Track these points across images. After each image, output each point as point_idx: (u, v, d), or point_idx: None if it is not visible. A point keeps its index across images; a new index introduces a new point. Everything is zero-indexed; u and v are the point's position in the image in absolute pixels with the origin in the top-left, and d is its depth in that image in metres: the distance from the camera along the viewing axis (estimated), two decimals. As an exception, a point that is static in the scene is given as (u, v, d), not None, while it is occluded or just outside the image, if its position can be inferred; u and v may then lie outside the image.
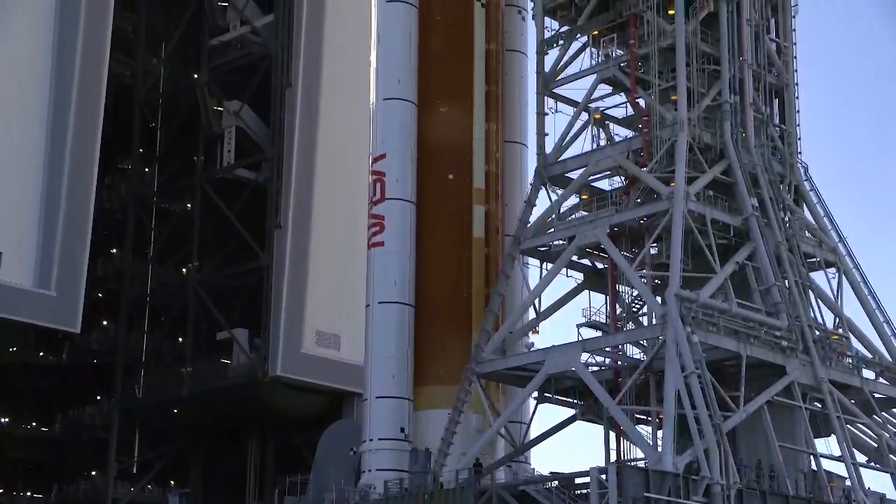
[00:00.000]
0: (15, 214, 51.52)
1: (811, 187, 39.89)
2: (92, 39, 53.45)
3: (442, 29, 40.69)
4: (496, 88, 41.29)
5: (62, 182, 52.21)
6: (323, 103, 55.16)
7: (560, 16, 40.16)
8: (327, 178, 54.91)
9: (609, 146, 38.74)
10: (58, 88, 52.91)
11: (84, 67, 53.17)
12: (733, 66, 38.57)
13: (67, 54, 52.91)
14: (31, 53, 52.73)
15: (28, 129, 52.35)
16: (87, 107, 53.26)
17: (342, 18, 54.99)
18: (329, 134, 55.04)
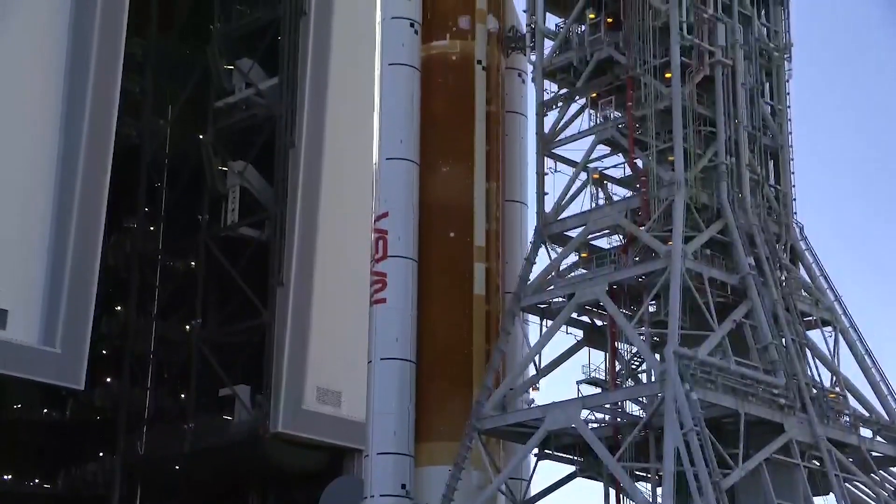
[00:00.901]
0: (22, 273, 51.41)
1: (807, 247, 39.83)
2: (100, 101, 53.64)
3: (443, 91, 40.87)
4: (496, 149, 41.36)
5: (69, 241, 52.14)
6: (325, 163, 55.34)
7: (559, 78, 40.36)
8: (329, 236, 54.92)
9: (608, 205, 38.75)
10: (66, 148, 53.04)
11: (92, 128, 53.33)
12: (729, 128, 38.69)
13: (76, 116, 53.07)
14: (41, 113, 52.91)
15: (36, 187, 52.38)
16: (94, 167, 53.33)
17: (345, 81, 55.29)
18: (331, 193, 55.15)
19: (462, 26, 41.41)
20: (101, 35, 53.37)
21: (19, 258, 51.47)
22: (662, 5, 38.47)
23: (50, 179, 52.65)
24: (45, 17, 52.62)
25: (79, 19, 53.06)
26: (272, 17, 57.59)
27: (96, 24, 53.25)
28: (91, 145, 53.32)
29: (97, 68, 53.57)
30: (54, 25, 52.84)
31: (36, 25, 52.52)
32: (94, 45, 53.28)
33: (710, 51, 38.67)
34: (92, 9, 53.16)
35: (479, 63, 41.29)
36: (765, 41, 40.77)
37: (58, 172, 52.85)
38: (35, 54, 52.64)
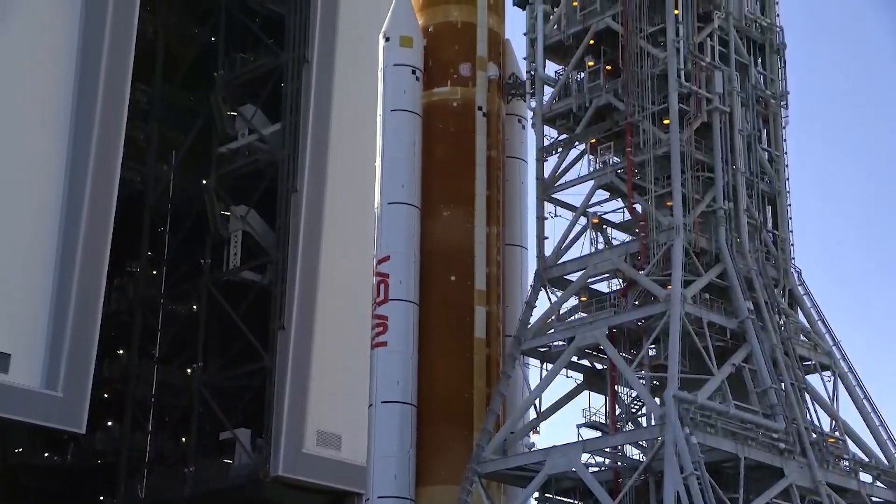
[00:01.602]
0: (25, 316, 51.14)
1: (805, 292, 39.66)
2: (105, 148, 53.64)
3: (445, 136, 40.89)
4: (497, 193, 41.26)
5: (72, 285, 51.91)
6: (327, 207, 55.29)
7: (559, 124, 40.37)
8: (331, 280, 54.77)
9: (607, 249, 38.61)
10: (70, 193, 52.95)
11: (96, 174, 53.28)
12: (727, 174, 38.64)
13: (81, 161, 53.05)
14: (47, 158, 52.88)
15: (40, 231, 52.24)
16: (98, 212, 53.23)
17: (346, 127, 55.40)
18: (333, 237, 55.06)
19: (463, 73, 41.50)
20: (106, 82, 53.46)
21: (22, 301, 51.22)
22: (661, 53, 38.59)
23: (54, 224, 52.53)
24: (51, 64, 52.73)
25: (84, 66, 53.19)
26: (275, 65, 57.79)
27: (102, 71, 53.36)
28: (95, 191, 53.24)
29: (102, 115, 53.60)
30: (61, 72, 52.96)
31: (43, 72, 52.63)
32: (100, 92, 53.36)
33: (708, 98, 38.72)
34: (97, 56, 53.29)
35: (479, 109, 41.32)
36: (761, 89, 40.84)
37: (62, 217, 52.73)
38: (41, 100, 52.70)
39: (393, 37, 41.13)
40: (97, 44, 53.36)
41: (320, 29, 56.09)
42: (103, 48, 53.41)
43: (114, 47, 53.54)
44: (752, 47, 40.96)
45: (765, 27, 41.37)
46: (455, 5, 42.06)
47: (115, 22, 53.59)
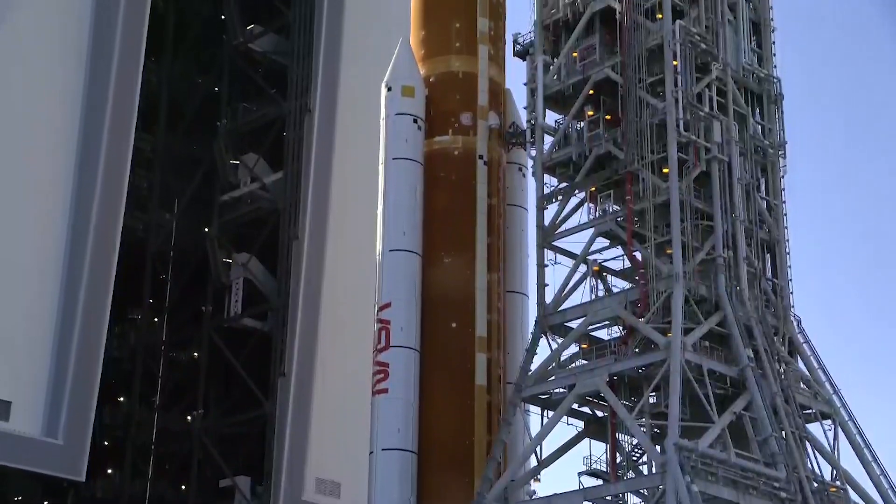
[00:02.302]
0: (26, 364, 50.74)
1: (804, 340, 39.47)
2: (108, 196, 53.49)
3: (446, 184, 41.01)
4: (498, 241, 41.29)
5: (73, 332, 51.56)
6: (328, 255, 55.05)
7: (559, 173, 40.45)
8: (331, 327, 54.42)
9: (607, 297, 38.55)
10: (73, 241, 52.72)
11: (100, 222, 53.07)
12: (726, 222, 38.61)
13: (84, 209, 52.89)
14: (51, 206, 52.74)
15: (43, 278, 51.96)
16: (100, 260, 52.98)
17: (348, 175, 55.32)
18: (334, 284, 54.77)
19: (464, 122, 41.69)
20: (110, 131, 53.44)
21: (24, 349, 50.85)
22: (660, 103, 38.68)
23: (57, 271, 52.27)
24: (57, 112, 52.76)
25: (90, 115, 53.19)
26: (277, 114, 57.80)
27: (107, 120, 53.37)
28: (98, 238, 53.03)
29: (106, 163, 53.52)
30: (66, 120, 52.96)
31: (48, 120, 52.64)
32: (104, 141, 53.31)
33: (707, 147, 38.78)
34: (103, 105, 53.32)
35: (480, 158, 41.46)
36: (760, 138, 40.92)
37: (65, 264, 52.48)
38: (46, 147, 52.67)
39: (395, 86, 41.29)
40: (102, 92, 53.42)
41: (322, 79, 56.16)
42: (108, 97, 53.45)
43: (118, 96, 53.58)
44: (750, 98, 41.12)
45: (762, 78, 41.53)
46: (456, 56, 42.33)
47: (120, 72, 53.67)
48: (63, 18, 52.69)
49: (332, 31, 56.65)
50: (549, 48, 41.29)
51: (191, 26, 61.91)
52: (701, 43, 39.54)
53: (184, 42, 61.75)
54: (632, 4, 39.51)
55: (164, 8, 60.81)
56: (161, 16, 60.30)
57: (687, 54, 39.09)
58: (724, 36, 40.42)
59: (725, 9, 40.80)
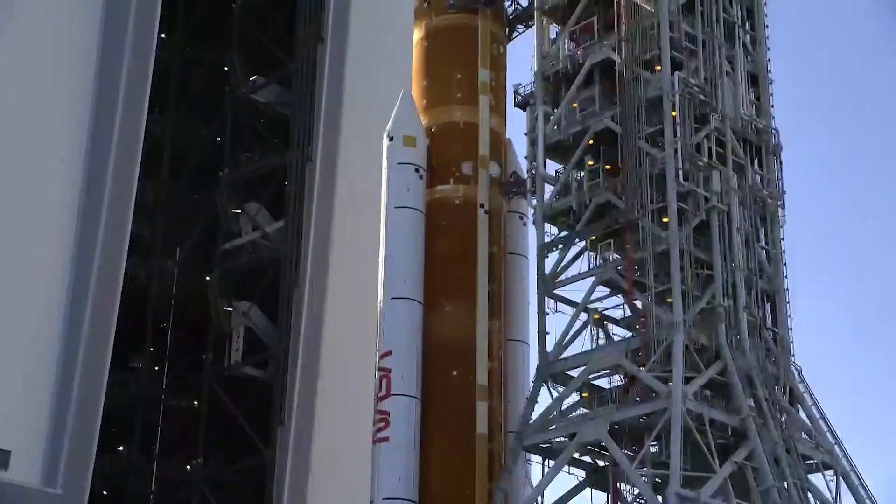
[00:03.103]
0: (26, 413, 50.26)
1: (805, 390, 39.10)
2: (110, 245, 53.25)
3: (447, 233, 40.84)
4: (499, 289, 41.05)
5: (73, 382, 51.13)
6: (329, 303, 54.84)
7: (559, 222, 40.31)
8: (332, 376, 54.08)
9: (608, 345, 38.27)
10: (75, 289, 52.40)
11: (101, 271, 52.79)
12: (726, 272, 38.42)
13: (86, 258, 52.65)
14: (53, 255, 52.52)
15: (44, 326, 51.63)
16: (102, 308, 52.62)
17: (349, 224, 55.26)
18: (334, 332, 54.52)
19: (465, 172, 41.67)
20: (113, 180, 53.34)
21: (23, 397, 50.39)
22: (659, 153, 38.65)
23: (58, 319, 51.90)
24: (62, 161, 52.75)
25: (93, 165, 53.15)
26: (279, 164, 57.83)
27: (110, 169, 53.30)
28: (100, 286, 52.71)
29: (109, 212, 53.36)
30: (70, 169, 52.91)
31: (52, 169, 52.62)
32: (107, 190, 53.20)
33: (706, 197, 38.67)
34: (106, 155, 53.32)
35: (481, 206, 41.34)
36: (759, 189, 40.81)
37: (65, 312, 52.14)
38: (49, 196, 52.59)
39: (397, 136, 41.30)
40: (106, 143, 53.44)
41: (324, 129, 56.25)
42: (111, 147, 53.43)
43: (121, 147, 53.55)
44: (749, 148, 41.08)
45: (760, 129, 41.52)
46: (457, 106, 42.39)
47: (124, 122, 53.68)
48: (68, 68, 52.85)
49: (333, 82, 56.85)
50: (550, 99, 41.33)
51: (194, 77, 62.17)
52: (700, 94, 39.58)
53: (187, 93, 61.95)
54: (631, 56, 39.61)
55: (167, 59, 61.10)
56: (165, 67, 60.61)
57: (686, 105, 39.11)
58: (723, 88, 40.47)
59: (724, 61, 40.90)
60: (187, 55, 62.30)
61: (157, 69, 55.55)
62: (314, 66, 56.83)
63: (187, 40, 62.18)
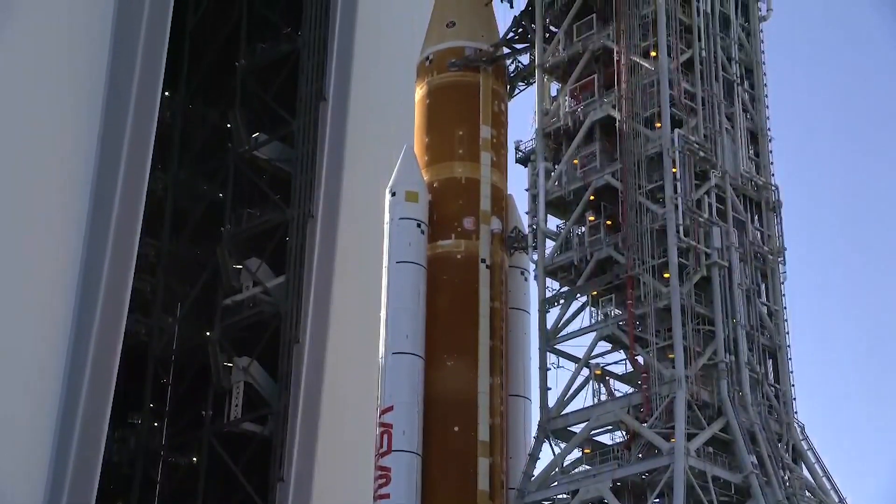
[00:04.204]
0: (25, 470, 49.63)
1: (808, 447, 38.53)
2: (111, 301, 52.98)
3: (449, 288, 40.51)
4: (500, 344, 40.61)
5: (73, 438, 50.58)
6: (329, 358, 54.35)
7: (560, 277, 39.99)
8: (332, 432, 53.43)
9: (610, 401, 37.75)
10: (76, 346, 52.04)
11: (102, 327, 52.46)
12: (727, 327, 38.02)
13: (87, 314, 52.34)
14: (54, 310, 52.19)
15: (44, 384, 51.15)
16: (102, 365, 52.20)
17: (350, 279, 54.96)
18: (335, 388, 53.98)
19: (467, 227, 41.42)
20: (115, 237, 53.19)
21: (22, 454, 49.76)
22: (659, 209, 38.41)
23: (58, 376, 51.48)
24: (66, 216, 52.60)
25: (95, 221, 53.01)
26: (281, 220, 57.63)
27: (112, 226, 53.18)
28: (100, 343, 52.31)
29: (110, 269, 53.11)
30: (72, 225, 52.76)
31: (55, 225, 52.43)
32: (109, 247, 53.02)
33: (707, 252, 38.38)
34: (108, 211, 53.19)
35: (482, 261, 41.05)
36: (759, 245, 40.54)
37: (66, 369, 51.69)
38: (51, 252, 52.34)
39: (399, 192, 41.13)
40: (109, 199, 53.32)
41: (325, 185, 56.13)
42: (114, 204, 53.34)
43: (124, 203, 53.45)
44: (749, 204, 40.88)
45: (760, 186, 41.34)
46: (459, 162, 42.27)
47: (127, 179, 53.66)
48: (73, 124, 52.88)
49: (335, 139, 56.84)
50: (550, 155, 41.23)
51: (197, 134, 62.18)
52: (699, 151, 39.45)
53: (190, 149, 61.93)
54: (631, 113, 39.53)
55: (171, 117, 61.17)
56: (168, 124, 60.67)
57: (686, 162, 38.95)
58: (723, 144, 40.37)
59: (723, 118, 40.83)
60: (190, 113, 62.36)
61: (160, 126, 55.61)
62: (316, 123, 56.84)
63: (191, 98, 62.27)
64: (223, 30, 61.43)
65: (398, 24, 56.45)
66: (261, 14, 60.75)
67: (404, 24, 54.37)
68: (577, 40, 41.44)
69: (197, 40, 61.69)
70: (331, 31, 57.32)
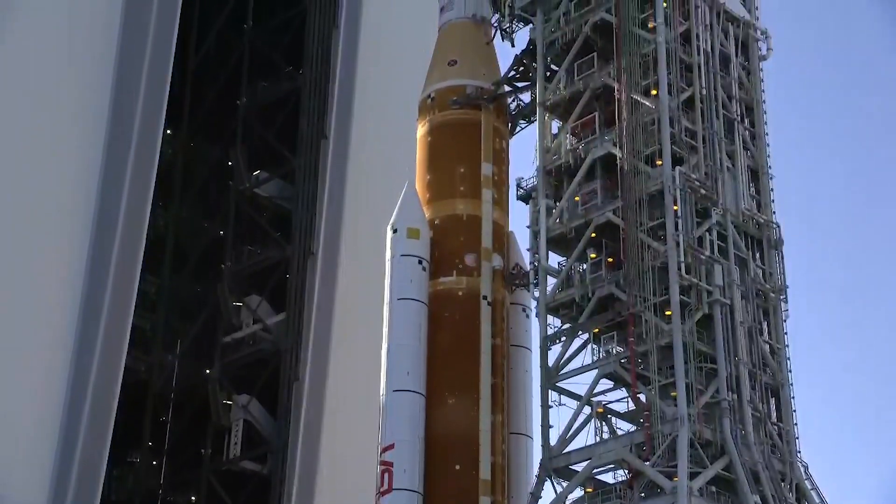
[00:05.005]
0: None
1: (812, 486, 38.06)
2: (111, 338, 52.69)
3: (450, 325, 40.22)
4: (502, 381, 40.24)
5: (71, 477, 50.12)
6: (329, 396, 53.99)
7: (562, 314, 39.66)
8: (332, 470, 52.95)
9: (612, 439, 37.32)
10: (75, 382, 51.71)
11: (102, 364, 52.12)
12: (729, 365, 37.67)
13: (87, 351, 52.02)
14: (53, 348, 51.86)
15: (43, 421, 50.73)
16: (101, 403, 51.82)
17: (350, 316, 54.71)
18: (334, 426, 53.57)
19: (468, 263, 41.21)
20: (116, 273, 52.98)
21: (22, 495, 49.28)
22: (661, 246, 38.17)
23: (57, 413, 51.08)
24: (67, 253, 52.39)
25: (96, 257, 52.80)
26: (281, 257, 57.47)
27: (112, 261, 52.96)
28: (99, 380, 51.93)
29: (111, 305, 52.85)
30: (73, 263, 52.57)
31: (56, 262, 52.22)
32: (109, 283, 52.77)
33: (708, 290, 38.10)
34: (109, 248, 53.01)
35: (484, 298, 40.76)
36: (761, 282, 40.27)
37: (66, 406, 51.30)
38: (51, 290, 52.09)
39: (400, 228, 40.96)
40: (110, 236, 53.17)
41: (326, 222, 56.05)
42: (115, 241, 53.17)
43: (125, 240, 53.29)
44: (750, 242, 40.65)
45: (761, 224, 41.15)
46: (461, 199, 42.11)
47: (128, 216, 53.54)
48: (77, 161, 52.86)
49: (336, 177, 56.81)
50: (552, 192, 41.05)
51: (198, 172, 62.13)
52: (700, 189, 39.28)
53: (191, 187, 61.87)
54: (632, 151, 39.42)
55: (172, 154, 61.15)
56: (170, 162, 60.62)
57: (687, 199, 38.76)
58: (723, 182, 40.20)
59: (724, 156, 40.67)
60: (192, 150, 62.36)
61: (161, 164, 55.55)
62: (317, 161, 56.83)
63: (192, 136, 62.30)
64: (225, 68, 61.56)
65: (399, 63, 56.53)
66: (262, 53, 60.91)
67: (405, 63, 54.42)
68: (578, 78, 41.40)
69: (199, 78, 61.80)
70: (332, 70, 57.47)
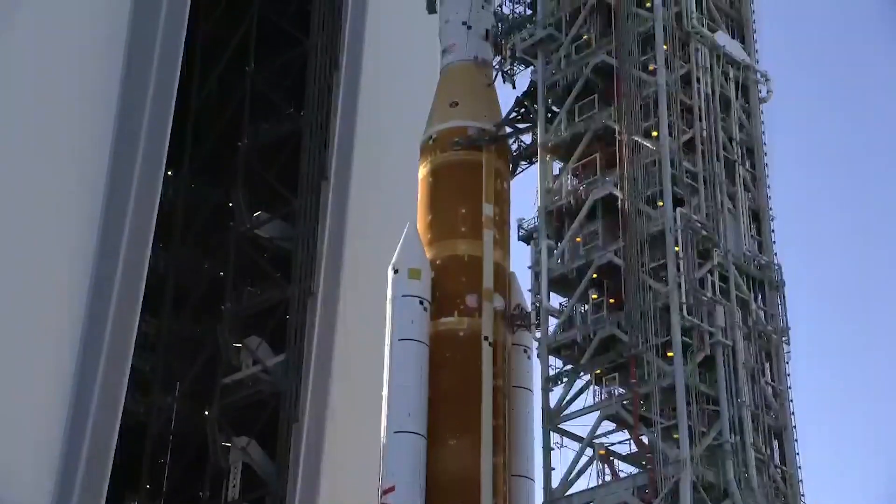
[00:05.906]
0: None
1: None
2: (110, 380, 52.62)
3: (451, 366, 39.81)
4: (503, 423, 39.85)
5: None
6: (328, 438, 53.66)
7: (563, 355, 39.32)
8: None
9: (615, 482, 36.93)
10: (73, 426, 51.50)
11: (100, 407, 51.96)
12: (732, 407, 37.39)
13: (85, 395, 51.83)
14: (52, 390, 51.62)
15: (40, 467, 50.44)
16: (99, 446, 51.59)
17: (351, 357, 54.50)
18: (334, 468, 53.21)
19: (469, 304, 40.87)
20: (115, 314, 52.90)
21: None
22: (662, 288, 38.03)
23: (55, 456, 50.77)
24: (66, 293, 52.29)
25: (96, 298, 52.75)
26: (281, 298, 57.34)
27: (112, 304, 52.91)
28: (98, 423, 51.69)
29: (109, 346, 52.70)
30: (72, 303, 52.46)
31: (55, 302, 52.12)
32: (109, 324, 52.69)
33: (710, 332, 37.89)
34: (109, 289, 52.93)
35: (485, 339, 40.42)
36: (763, 324, 40.09)
37: (63, 448, 51.03)
38: (50, 332, 51.92)
39: (401, 269, 40.74)
40: (109, 277, 53.13)
41: (326, 263, 56.03)
42: (115, 281, 53.14)
43: (124, 281, 53.28)
44: (752, 283, 40.50)
45: (763, 265, 41.03)
46: (462, 240, 41.92)
47: (128, 257, 53.59)
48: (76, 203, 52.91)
49: (336, 218, 56.87)
50: (553, 233, 40.91)
51: (199, 213, 62.17)
52: (702, 230, 39.19)
53: (191, 228, 61.87)
54: (633, 192, 39.40)
55: (173, 195, 61.19)
56: (170, 203, 60.63)
57: (688, 240, 38.64)
58: (725, 223, 40.14)
59: (725, 198, 40.59)
60: (193, 191, 62.42)
61: (162, 205, 55.59)
62: (318, 202, 56.88)
63: (193, 177, 62.40)
64: (226, 109, 61.78)
65: (400, 104, 56.74)
66: (263, 94, 61.15)
67: (407, 104, 54.63)
68: (579, 120, 41.44)
69: (200, 120, 62.02)
70: (333, 111, 57.69)
